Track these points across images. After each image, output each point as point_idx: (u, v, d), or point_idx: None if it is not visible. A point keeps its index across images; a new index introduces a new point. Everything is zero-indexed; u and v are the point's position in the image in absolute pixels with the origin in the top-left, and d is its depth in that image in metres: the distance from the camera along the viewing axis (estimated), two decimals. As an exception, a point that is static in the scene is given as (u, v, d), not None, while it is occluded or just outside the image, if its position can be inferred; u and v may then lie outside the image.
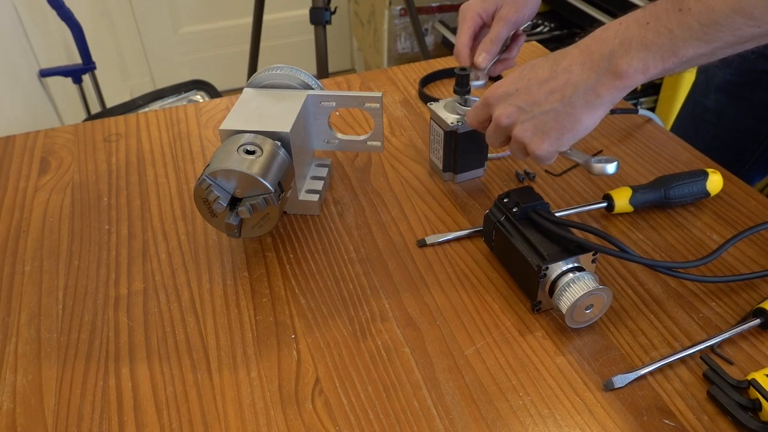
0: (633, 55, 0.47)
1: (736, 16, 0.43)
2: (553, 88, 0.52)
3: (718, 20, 0.43)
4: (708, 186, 0.64)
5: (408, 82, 0.90)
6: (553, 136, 0.53)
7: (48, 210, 0.67)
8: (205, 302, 0.56)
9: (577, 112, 0.51)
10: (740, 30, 0.44)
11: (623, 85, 0.49)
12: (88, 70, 1.50)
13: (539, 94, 0.53)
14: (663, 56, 0.46)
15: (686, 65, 0.47)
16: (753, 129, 0.87)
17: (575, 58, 0.51)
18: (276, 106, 0.62)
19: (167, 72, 2.43)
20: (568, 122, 0.51)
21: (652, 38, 0.46)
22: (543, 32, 2.00)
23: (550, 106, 0.52)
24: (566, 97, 0.51)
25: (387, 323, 0.53)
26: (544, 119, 0.52)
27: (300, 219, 0.65)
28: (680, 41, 0.45)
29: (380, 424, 0.46)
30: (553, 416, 0.46)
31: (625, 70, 0.48)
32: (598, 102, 0.50)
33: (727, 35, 0.44)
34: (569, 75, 0.51)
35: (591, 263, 0.53)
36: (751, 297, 0.55)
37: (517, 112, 0.54)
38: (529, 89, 0.53)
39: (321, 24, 1.42)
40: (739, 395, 0.46)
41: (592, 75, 0.50)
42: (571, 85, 0.51)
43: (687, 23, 0.45)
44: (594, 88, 0.50)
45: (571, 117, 0.51)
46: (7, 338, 0.53)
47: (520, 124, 0.54)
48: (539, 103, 0.52)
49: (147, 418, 0.47)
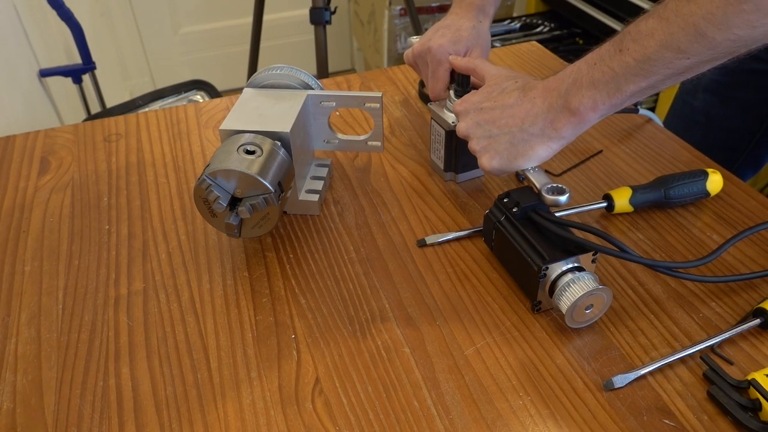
0: (583, 94, 0.51)
1: (665, 52, 0.47)
2: (515, 113, 0.56)
3: (651, 56, 0.47)
4: (708, 186, 0.64)
5: (408, 82, 0.90)
6: (504, 157, 0.57)
7: (48, 210, 0.67)
8: (205, 302, 0.56)
9: (532, 141, 0.55)
10: (672, 63, 0.47)
11: (577, 122, 0.53)
12: (88, 70, 1.50)
13: (501, 117, 0.57)
14: (609, 93, 0.51)
15: (632, 99, 0.51)
16: (741, 128, 0.88)
17: (539, 92, 0.55)
18: (276, 106, 0.62)
19: (167, 72, 2.43)
20: (522, 148, 0.56)
21: (599, 77, 0.51)
22: (543, 32, 2.01)
23: (508, 129, 0.56)
24: (525, 125, 0.55)
25: (387, 323, 0.53)
26: (499, 140, 0.57)
27: (300, 219, 0.65)
28: (622, 78, 0.49)
29: (380, 424, 0.46)
30: (553, 416, 0.46)
31: (577, 107, 0.52)
32: (555, 135, 0.54)
33: (661, 69, 0.48)
34: (532, 105, 0.55)
35: (591, 263, 0.53)
36: (751, 297, 0.55)
37: (474, 126, 0.58)
38: (493, 110, 0.57)
39: (321, 24, 1.42)
40: (739, 395, 0.46)
41: (551, 110, 0.54)
42: (532, 115, 0.55)
43: (625, 62, 0.49)
44: (552, 122, 0.54)
45: (525, 144, 0.55)
46: (7, 338, 0.53)
47: (476, 139, 0.58)
48: (498, 125, 0.57)
49: (147, 418, 0.47)
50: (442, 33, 0.70)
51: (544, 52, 0.97)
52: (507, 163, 0.56)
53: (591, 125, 0.54)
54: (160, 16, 2.33)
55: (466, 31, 0.70)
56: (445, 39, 0.69)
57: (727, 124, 0.89)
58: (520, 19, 2.07)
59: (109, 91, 1.74)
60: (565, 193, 0.54)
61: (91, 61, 1.49)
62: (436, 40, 0.70)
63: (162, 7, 2.31)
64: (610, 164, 0.72)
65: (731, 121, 0.88)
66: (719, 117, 0.88)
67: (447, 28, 0.71)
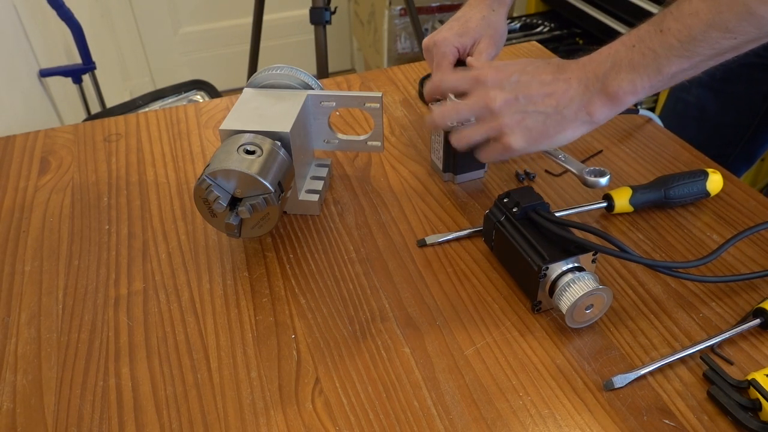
0: (623, 77, 0.50)
1: (712, 31, 0.46)
2: (551, 92, 0.53)
3: (696, 36, 0.46)
4: (708, 186, 0.64)
5: (408, 82, 0.90)
6: (533, 136, 0.55)
7: (48, 210, 0.67)
8: (205, 302, 0.56)
9: (565, 123, 0.54)
10: (718, 43, 0.46)
11: (614, 105, 0.52)
12: (88, 70, 1.50)
13: (538, 93, 0.54)
14: (649, 75, 0.49)
15: (672, 81, 0.50)
16: (735, 122, 0.88)
17: (574, 73, 0.53)
18: (276, 106, 0.62)
19: (167, 72, 2.43)
20: (553, 129, 0.54)
21: (639, 59, 0.49)
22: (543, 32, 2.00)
23: (544, 109, 0.54)
24: (561, 106, 0.53)
25: (387, 323, 0.53)
26: (533, 118, 0.54)
27: (300, 219, 0.65)
28: (663, 60, 0.48)
29: (380, 424, 0.46)
30: (553, 416, 0.46)
31: (616, 91, 0.51)
32: (588, 119, 0.53)
33: (706, 49, 0.47)
34: (568, 86, 0.53)
35: (591, 263, 0.53)
36: (751, 297, 0.55)
37: (513, 100, 0.55)
38: (530, 85, 0.54)
39: (321, 24, 1.42)
40: (739, 395, 0.46)
41: (587, 93, 0.52)
42: (568, 96, 0.53)
43: (668, 42, 0.48)
44: (587, 106, 0.52)
45: (558, 125, 0.54)
46: (7, 338, 0.53)
47: (510, 115, 0.55)
48: (535, 102, 0.54)
49: (147, 418, 0.47)
50: (449, 26, 0.69)
51: (544, 52, 0.97)
52: (533, 142, 0.55)
53: (625, 108, 0.53)
54: (160, 16, 2.33)
55: (473, 22, 0.69)
56: (451, 32, 0.68)
57: (720, 119, 0.89)
58: (520, 19, 2.06)
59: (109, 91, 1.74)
60: (606, 175, 0.54)
61: (91, 61, 1.49)
62: (442, 33, 0.69)
63: (162, 7, 2.31)
64: (610, 164, 0.72)
65: (725, 115, 0.88)
66: (713, 112, 0.89)
67: (456, 20, 0.70)
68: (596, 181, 0.54)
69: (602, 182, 0.54)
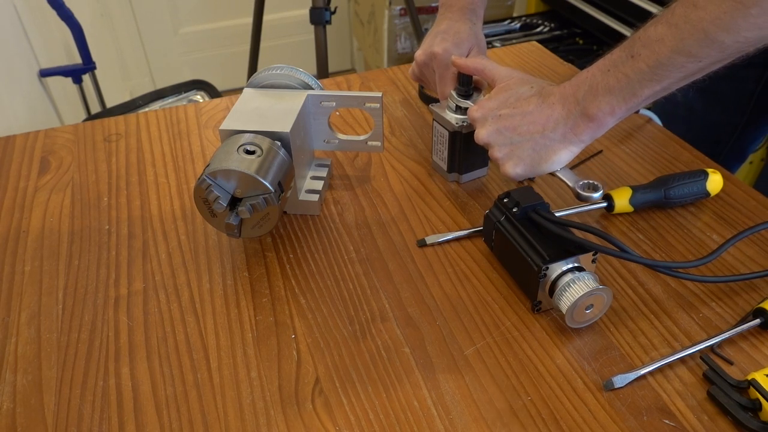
0: (600, 100, 0.53)
1: (677, 57, 0.48)
2: (535, 120, 0.56)
3: (663, 62, 0.49)
4: (708, 186, 0.64)
5: (408, 82, 0.90)
6: (528, 163, 0.57)
7: (48, 210, 0.67)
8: (205, 302, 0.56)
9: (555, 146, 0.56)
10: (684, 67, 0.49)
11: (596, 126, 0.54)
12: (88, 70, 1.50)
13: (521, 123, 0.57)
14: (625, 98, 0.52)
15: (648, 101, 0.52)
16: (724, 120, 0.88)
17: (557, 98, 0.56)
18: (276, 106, 0.62)
19: (167, 72, 2.43)
20: (545, 153, 0.57)
21: (614, 83, 0.52)
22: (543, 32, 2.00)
23: (530, 136, 0.57)
24: (547, 131, 0.56)
25: (387, 323, 0.53)
26: (522, 146, 0.57)
27: (300, 219, 0.65)
28: (636, 84, 0.51)
29: (380, 424, 0.46)
30: (553, 416, 0.46)
31: (595, 113, 0.53)
32: (575, 140, 0.56)
33: (674, 73, 0.49)
34: (552, 111, 0.56)
35: (591, 263, 0.53)
36: (751, 297, 0.55)
37: (495, 134, 0.59)
38: (512, 117, 0.58)
39: (321, 24, 1.42)
40: (739, 395, 0.46)
41: (570, 116, 0.55)
42: (553, 121, 0.56)
43: (638, 68, 0.50)
44: (572, 128, 0.55)
45: (548, 149, 0.56)
46: (7, 338, 0.53)
47: (498, 147, 0.59)
48: (520, 132, 0.57)
49: (147, 418, 0.47)
50: (442, 38, 0.71)
51: (544, 52, 0.97)
52: (531, 168, 0.58)
53: (609, 128, 0.55)
54: (160, 16, 2.33)
55: (464, 33, 0.71)
56: (447, 43, 0.70)
57: (709, 118, 0.89)
58: (520, 19, 2.06)
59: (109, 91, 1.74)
60: (599, 190, 0.57)
61: (91, 61, 1.49)
62: (439, 45, 0.70)
63: (162, 7, 2.31)
64: (610, 164, 0.72)
65: (713, 114, 0.89)
66: (701, 110, 0.89)
67: (446, 33, 0.71)
68: (589, 195, 0.57)
69: (595, 197, 0.57)
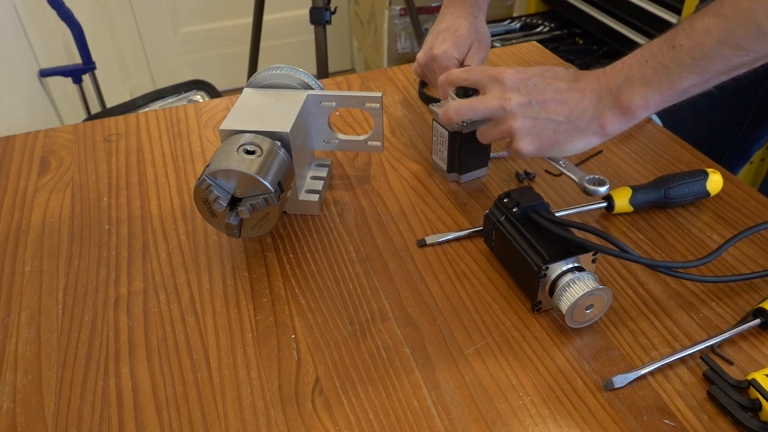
0: (635, 92, 0.51)
1: (723, 48, 0.46)
2: (565, 100, 0.54)
3: (708, 53, 0.47)
4: (708, 186, 0.64)
5: (408, 82, 0.90)
6: (543, 143, 0.56)
7: (48, 210, 0.67)
8: (205, 302, 0.56)
9: (576, 133, 0.54)
10: (729, 60, 0.47)
11: (627, 119, 0.52)
12: (88, 70, 1.50)
13: (552, 101, 0.55)
14: (662, 90, 0.50)
15: (684, 95, 0.50)
16: (728, 119, 0.88)
17: (589, 84, 0.54)
18: (276, 106, 0.62)
19: (167, 72, 2.43)
20: (563, 138, 0.55)
21: (651, 75, 0.50)
22: (543, 32, 2.01)
23: (556, 117, 0.55)
24: (573, 116, 0.54)
25: (387, 323, 0.53)
26: (544, 125, 0.55)
27: (300, 219, 0.65)
28: (675, 75, 0.49)
29: (380, 424, 0.46)
30: (553, 416, 0.46)
31: (629, 105, 0.51)
32: (599, 131, 0.54)
33: (717, 65, 0.48)
34: (582, 96, 0.54)
35: (591, 263, 0.53)
36: (751, 297, 0.55)
37: (527, 104, 0.56)
38: (546, 90, 0.55)
39: (321, 24, 1.42)
40: (739, 395, 0.46)
41: (600, 105, 0.53)
42: (581, 107, 0.54)
43: (680, 59, 0.48)
44: (599, 118, 0.53)
45: (568, 135, 0.55)
46: (7, 338, 0.53)
47: (523, 118, 0.56)
48: (548, 109, 0.55)
49: (147, 418, 0.47)
50: (443, 38, 0.71)
51: (544, 52, 0.97)
52: (544, 150, 0.56)
53: (638, 122, 0.53)
54: (160, 16, 2.33)
55: (464, 30, 0.71)
56: (447, 43, 0.70)
57: (714, 116, 0.89)
58: (520, 19, 2.06)
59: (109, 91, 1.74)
60: (606, 184, 0.56)
61: (91, 61, 1.49)
62: (439, 47, 0.70)
63: (162, 7, 2.31)
64: (610, 164, 0.72)
65: (718, 112, 0.88)
66: (705, 109, 0.89)
67: (446, 32, 0.71)
68: (596, 189, 0.56)
69: (601, 191, 0.56)
